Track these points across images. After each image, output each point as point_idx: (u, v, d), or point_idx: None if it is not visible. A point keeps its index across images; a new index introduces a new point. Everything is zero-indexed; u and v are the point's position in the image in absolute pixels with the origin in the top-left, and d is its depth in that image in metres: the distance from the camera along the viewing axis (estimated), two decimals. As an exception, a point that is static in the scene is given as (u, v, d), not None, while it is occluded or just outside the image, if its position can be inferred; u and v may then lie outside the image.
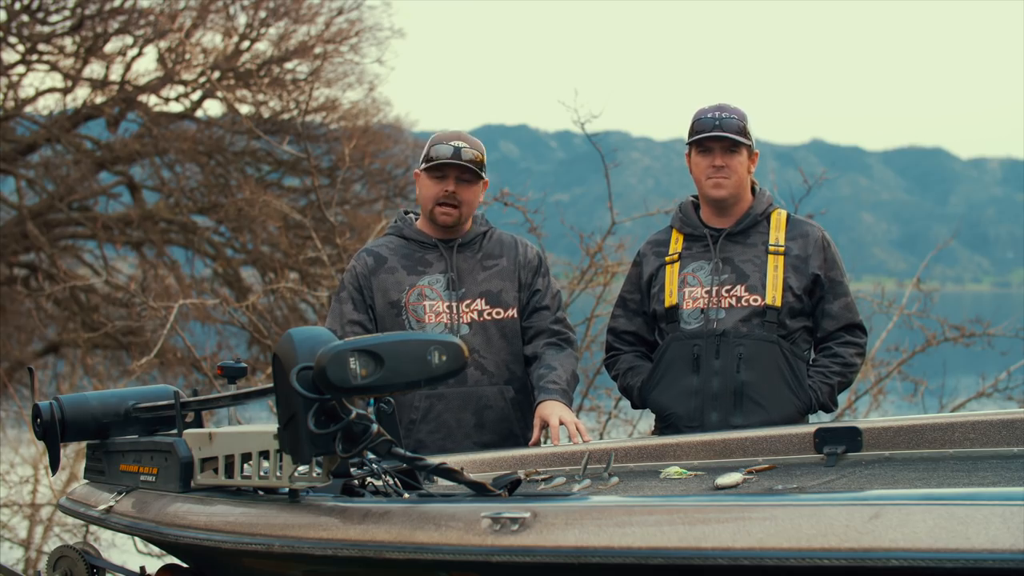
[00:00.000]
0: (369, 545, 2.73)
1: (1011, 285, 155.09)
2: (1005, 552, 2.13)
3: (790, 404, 3.96)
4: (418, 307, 4.08)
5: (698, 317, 4.00)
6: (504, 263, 4.18)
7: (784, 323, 3.98)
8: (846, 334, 4.06)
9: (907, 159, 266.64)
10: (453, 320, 4.07)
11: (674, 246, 4.13)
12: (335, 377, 2.66)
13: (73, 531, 8.27)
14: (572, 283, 7.88)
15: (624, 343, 4.23)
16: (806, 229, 4.08)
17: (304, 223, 10.11)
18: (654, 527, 2.43)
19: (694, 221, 4.12)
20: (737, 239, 4.07)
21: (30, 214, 14.45)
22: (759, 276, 3.99)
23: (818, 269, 4.02)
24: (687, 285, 4.04)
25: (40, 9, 14.91)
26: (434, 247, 4.16)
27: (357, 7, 15.57)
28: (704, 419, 3.96)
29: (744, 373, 3.94)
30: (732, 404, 3.94)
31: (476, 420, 4.07)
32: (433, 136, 4.21)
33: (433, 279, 4.11)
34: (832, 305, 4.05)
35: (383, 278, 4.12)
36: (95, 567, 3.52)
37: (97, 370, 11.96)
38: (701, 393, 3.97)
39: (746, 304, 3.97)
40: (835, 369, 4.03)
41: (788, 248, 4.03)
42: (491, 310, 4.11)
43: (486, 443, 4.03)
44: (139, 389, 3.72)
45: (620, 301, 4.26)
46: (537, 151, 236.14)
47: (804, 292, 4.01)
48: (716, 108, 4.04)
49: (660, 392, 4.06)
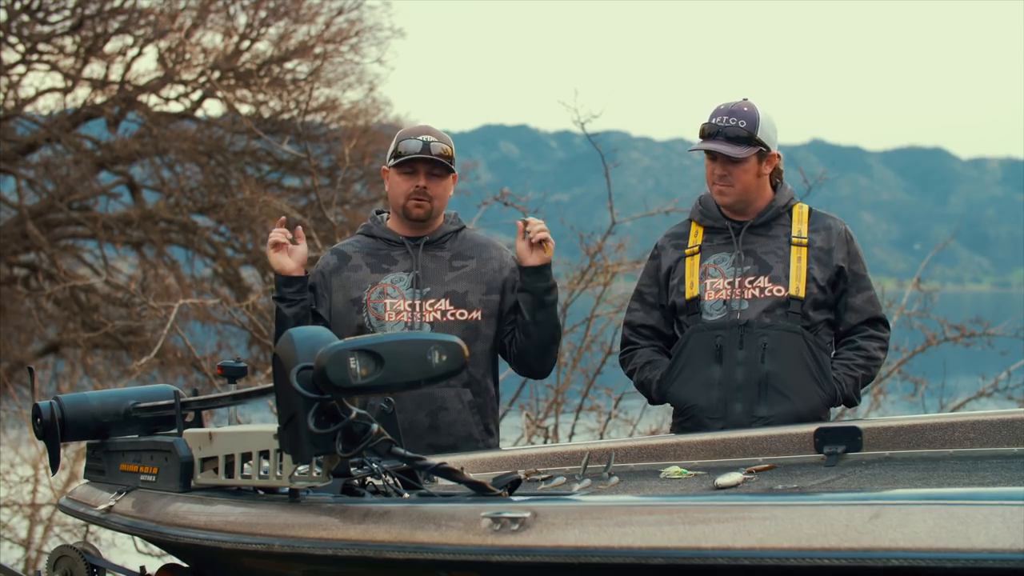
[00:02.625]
0: (369, 545, 2.73)
1: (1011, 285, 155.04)
2: (1005, 552, 2.13)
3: (815, 395, 3.92)
4: (378, 305, 4.04)
5: (720, 308, 3.96)
6: (474, 265, 4.12)
7: (807, 314, 3.94)
8: (869, 328, 4.03)
9: (907, 159, 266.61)
10: (414, 319, 4.02)
11: (694, 238, 4.09)
12: (335, 377, 2.66)
13: (73, 531, 8.27)
14: (572, 283, 7.87)
15: (641, 337, 4.16)
16: (828, 222, 4.06)
17: (304, 223, 10.11)
18: (654, 527, 2.43)
19: (715, 213, 4.08)
20: (759, 231, 4.03)
21: (30, 214, 14.45)
22: (783, 267, 3.96)
23: (842, 262, 4.00)
24: (708, 277, 4.00)
25: (40, 9, 14.92)
26: (400, 245, 4.12)
27: (357, 7, 15.59)
28: (727, 410, 3.91)
29: (769, 363, 3.90)
30: (757, 395, 3.89)
31: (430, 422, 3.98)
32: (400, 131, 4.16)
33: (396, 277, 4.07)
34: (855, 299, 4.02)
35: (345, 276, 4.09)
36: (95, 567, 3.52)
37: (97, 370, 11.96)
38: (724, 384, 3.92)
39: (769, 295, 3.93)
40: (859, 362, 3.99)
41: (811, 240, 4.00)
42: (455, 311, 4.05)
43: (441, 446, 3.94)
44: (139, 389, 3.72)
45: (637, 295, 4.19)
46: (537, 151, 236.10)
47: (828, 284, 3.98)
48: (727, 112, 3.95)
49: (680, 385, 3.99)
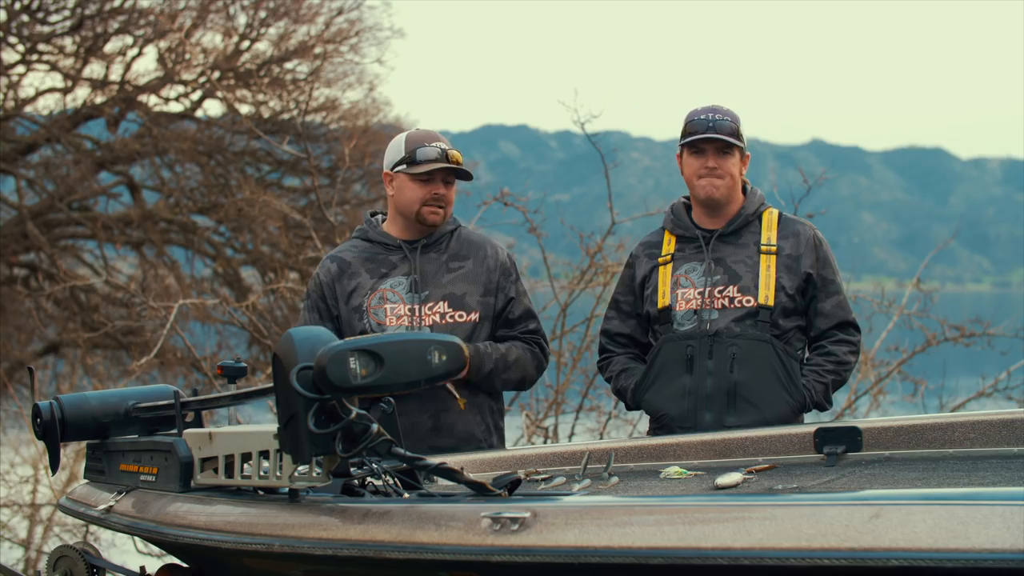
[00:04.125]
0: (369, 545, 2.73)
1: (1011, 285, 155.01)
2: (1005, 552, 2.13)
3: (784, 403, 3.96)
4: (379, 310, 4.04)
5: (691, 318, 4.00)
6: (470, 265, 4.12)
7: (777, 323, 3.98)
8: (839, 332, 4.06)
9: (907, 159, 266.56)
10: (414, 323, 4.02)
11: (666, 247, 4.13)
12: (335, 377, 2.66)
13: (73, 531, 8.27)
14: (572, 283, 7.88)
15: (617, 345, 4.22)
16: (797, 228, 4.08)
17: (304, 223, 10.12)
18: (654, 527, 2.43)
19: (685, 222, 4.12)
20: (729, 240, 4.07)
21: (30, 214, 14.46)
22: (751, 277, 3.99)
23: (810, 268, 4.02)
24: (680, 287, 4.04)
25: (40, 9, 14.91)
26: (398, 249, 4.12)
27: (357, 7, 15.58)
28: (697, 419, 3.95)
29: (737, 373, 3.94)
30: (725, 404, 3.94)
31: (433, 423, 3.99)
32: (408, 137, 4.13)
33: (396, 282, 4.07)
34: (825, 303, 4.04)
35: (346, 283, 4.09)
36: (95, 567, 3.52)
37: (97, 370, 11.95)
38: (694, 394, 3.97)
39: (739, 305, 3.97)
40: (828, 368, 4.02)
41: (780, 247, 4.03)
42: (453, 313, 4.05)
43: (443, 447, 3.95)
44: (139, 389, 3.72)
45: (613, 303, 4.26)
46: (537, 151, 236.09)
47: (797, 291, 4.01)
48: (709, 109, 4.04)
49: (653, 393, 4.06)
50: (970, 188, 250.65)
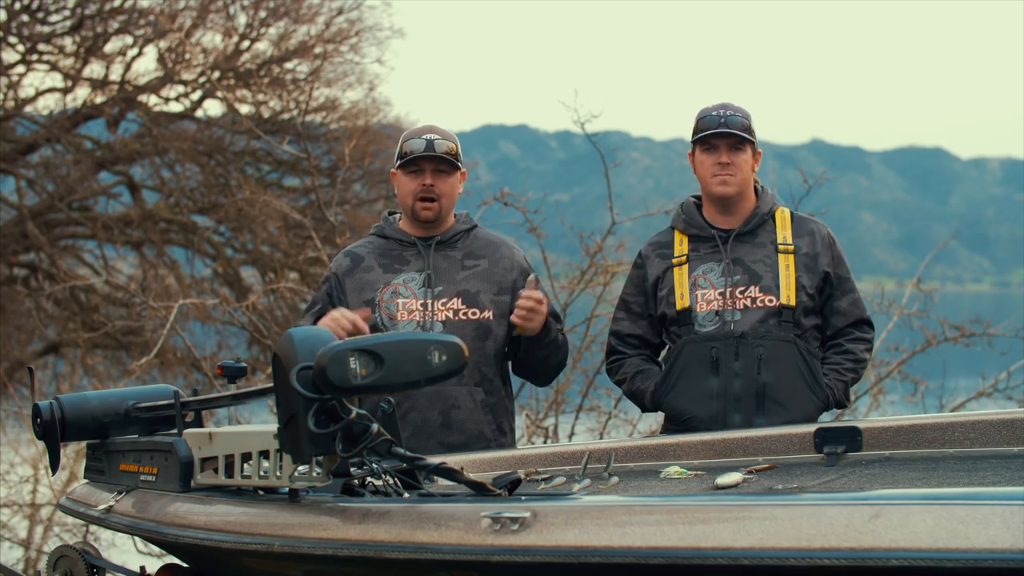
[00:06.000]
0: (369, 545, 2.73)
1: (1011, 285, 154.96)
2: (1005, 552, 2.13)
3: (810, 403, 3.95)
4: (391, 304, 4.06)
5: (713, 319, 3.98)
6: (485, 264, 4.14)
7: (799, 322, 3.97)
8: (855, 330, 4.06)
9: (907, 159, 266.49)
10: (426, 318, 4.04)
11: (679, 247, 4.10)
12: (335, 377, 2.66)
13: (73, 531, 8.27)
14: (572, 283, 7.88)
15: (628, 346, 4.18)
16: (812, 227, 4.09)
17: (304, 223, 10.10)
18: (654, 527, 2.43)
19: (699, 222, 4.10)
20: (746, 239, 4.05)
21: (30, 214, 14.45)
22: (772, 276, 3.98)
23: (827, 267, 4.03)
24: (699, 287, 4.01)
25: (40, 9, 14.91)
26: (412, 245, 4.14)
27: (357, 7, 15.58)
28: (727, 421, 3.93)
29: (765, 374, 3.93)
30: (754, 405, 3.92)
31: (443, 420, 4.00)
32: (405, 132, 4.20)
33: (409, 277, 4.09)
34: (841, 302, 4.05)
35: (359, 277, 4.12)
36: (95, 567, 3.52)
37: (97, 370, 11.95)
38: (723, 396, 3.95)
39: (761, 305, 3.96)
40: (848, 366, 4.03)
41: (797, 246, 4.02)
42: (467, 310, 4.06)
43: (453, 444, 3.96)
44: (139, 389, 3.72)
45: (622, 304, 4.21)
46: (537, 151, 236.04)
47: (816, 290, 4.01)
48: (721, 106, 4.04)
49: (677, 395, 4.02)
50: (970, 188, 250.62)
